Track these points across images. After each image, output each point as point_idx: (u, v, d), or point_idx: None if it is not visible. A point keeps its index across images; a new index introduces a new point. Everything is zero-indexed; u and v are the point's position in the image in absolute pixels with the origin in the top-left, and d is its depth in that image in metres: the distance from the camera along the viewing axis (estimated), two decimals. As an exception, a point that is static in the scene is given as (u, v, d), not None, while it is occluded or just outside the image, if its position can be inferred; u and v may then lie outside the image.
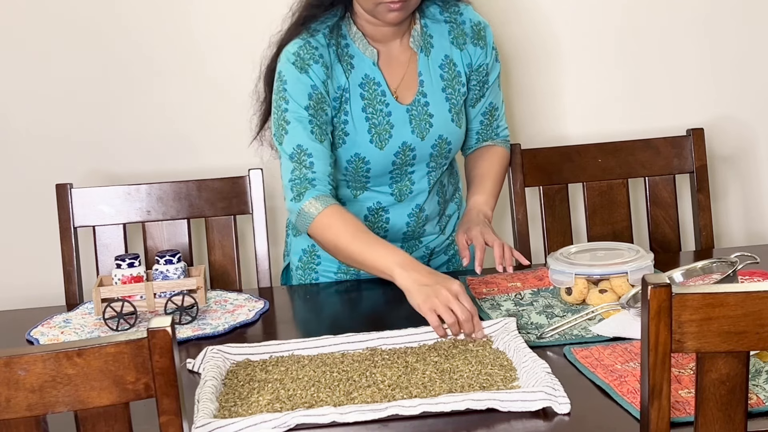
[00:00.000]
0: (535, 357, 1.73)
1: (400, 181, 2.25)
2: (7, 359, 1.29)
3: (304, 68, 2.13)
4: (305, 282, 2.39)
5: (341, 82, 2.16)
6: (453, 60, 2.25)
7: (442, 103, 2.23)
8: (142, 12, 2.76)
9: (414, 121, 2.20)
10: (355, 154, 2.18)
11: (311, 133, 2.12)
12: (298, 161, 2.11)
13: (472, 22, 2.26)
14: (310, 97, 2.13)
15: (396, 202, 2.27)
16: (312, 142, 2.11)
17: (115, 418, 1.35)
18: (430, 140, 2.22)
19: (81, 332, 2.10)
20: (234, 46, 2.81)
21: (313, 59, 2.13)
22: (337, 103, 2.16)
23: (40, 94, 2.78)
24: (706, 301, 1.34)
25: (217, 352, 1.85)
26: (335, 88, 2.16)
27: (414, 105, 2.21)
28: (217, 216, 2.53)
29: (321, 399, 1.67)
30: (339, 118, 2.17)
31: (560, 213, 2.58)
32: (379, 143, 2.18)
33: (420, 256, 2.36)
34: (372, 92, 2.18)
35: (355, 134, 2.17)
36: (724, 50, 2.90)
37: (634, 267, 2.07)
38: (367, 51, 2.18)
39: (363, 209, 2.27)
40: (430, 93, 2.22)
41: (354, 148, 2.18)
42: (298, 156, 2.11)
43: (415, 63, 2.23)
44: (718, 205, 2.94)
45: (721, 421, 1.38)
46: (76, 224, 2.50)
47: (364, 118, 2.18)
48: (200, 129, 2.84)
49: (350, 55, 2.18)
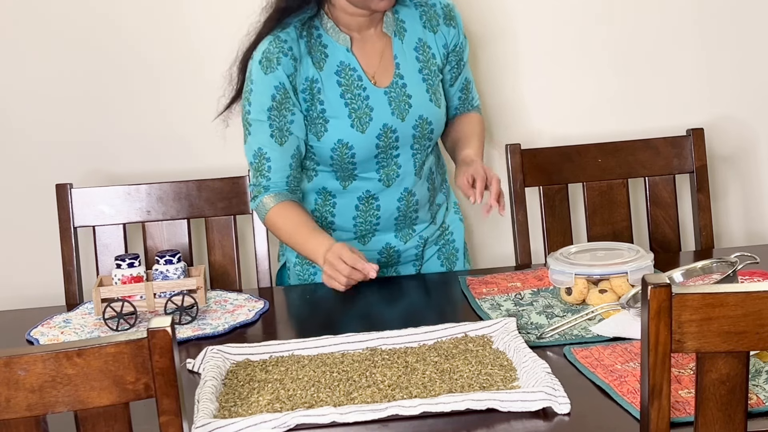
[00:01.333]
0: (535, 357, 1.73)
1: (387, 166, 2.29)
2: (7, 359, 1.29)
3: (270, 67, 2.19)
4: (304, 278, 2.41)
5: (310, 74, 2.22)
6: (427, 43, 2.31)
7: (420, 84, 2.29)
8: (142, 13, 2.76)
9: (393, 103, 2.25)
10: (338, 141, 2.22)
11: (270, 137, 2.22)
12: (258, 167, 2.26)
13: (441, 4, 2.34)
14: (273, 98, 2.20)
15: (384, 188, 2.30)
16: (271, 145, 2.23)
17: (115, 418, 1.35)
18: (411, 121, 2.27)
19: (81, 332, 2.10)
20: (234, 47, 2.81)
21: (282, 52, 2.20)
22: (308, 95, 2.22)
23: (40, 94, 2.77)
24: (706, 301, 1.34)
25: (217, 352, 1.85)
26: (303, 79, 2.21)
27: (392, 87, 2.26)
28: (217, 216, 2.53)
29: (321, 399, 1.67)
30: (315, 108, 2.22)
31: (560, 213, 2.58)
32: (360, 127, 2.23)
33: (414, 246, 2.39)
34: (348, 78, 2.23)
35: (335, 120, 2.22)
36: (725, 50, 2.90)
37: (634, 267, 2.07)
38: (340, 38, 2.24)
39: (353, 200, 2.31)
40: (407, 75, 2.28)
41: (336, 134, 2.22)
42: (258, 160, 2.25)
43: (390, 47, 2.29)
44: (718, 205, 2.94)
45: (721, 421, 1.38)
46: (76, 224, 2.50)
47: (343, 103, 2.23)
48: (200, 129, 2.83)
49: (323, 44, 2.24)
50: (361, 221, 2.34)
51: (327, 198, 2.32)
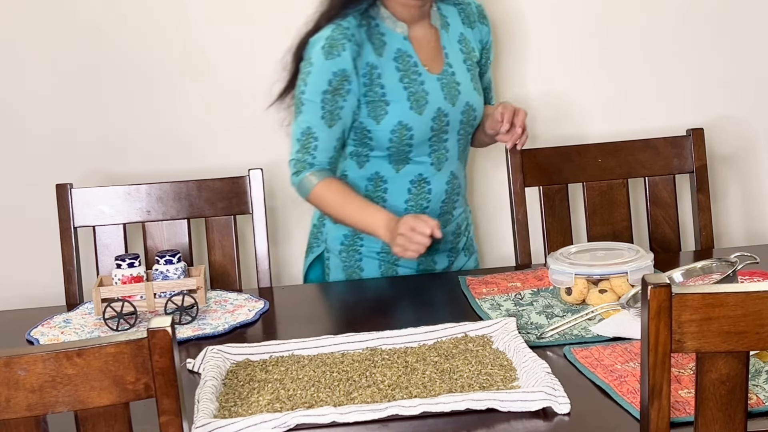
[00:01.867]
0: (535, 357, 1.73)
1: (438, 150, 2.38)
2: (7, 359, 1.29)
3: (332, 53, 2.26)
4: (350, 265, 2.43)
5: (371, 60, 2.30)
6: (467, 37, 2.44)
7: (465, 73, 2.41)
8: (142, 13, 2.76)
9: (445, 89, 2.35)
10: (398, 122, 2.30)
11: (321, 118, 2.27)
12: (305, 144, 2.29)
13: (475, 4, 2.48)
14: (329, 83, 2.26)
15: (435, 171, 2.38)
16: (320, 126, 2.28)
17: (115, 418, 1.35)
18: (460, 107, 2.37)
19: (81, 332, 2.10)
20: (234, 47, 2.81)
21: (346, 38, 2.27)
22: (367, 80, 2.29)
23: (41, 94, 2.77)
24: (706, 301, 1.34)
25: (217, 352, 1.85)
26: (364, 64, 2.29)
27: (443, 75, 2.37)
28: (217, 216, 2.53)
29: (321, 399, 1.67)
30: (374, 92, 2.30)
31: (560, 213, 2.58)
32: (418, 109, 2.31)
33: (451, 232, 2.46)
34: (406, 64, 2.33)
35: (395, 104, 2.30)
36: (725, 50, 2.90)
37: (634, 267, 2.07)
38: (398, 27, 2.34)
39: (406, 183, 2.37)
40: (454, 64, 2.40)
41: (397, 116, 2.30)
42: (306, 138, 2.29)
43: (438, 38, 2.40)
44: (718, 205, 2.94)
45: (721, 421, 1.38)
46: (76, 224, 2.50)
47: (402, 87, 2.31)
48: (200, 129, 2.84)
49: (381, 33, 2.33)
50: (413, 204, 2.38)
51: (378, 184, 2.37)
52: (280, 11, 2.81)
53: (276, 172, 2.83)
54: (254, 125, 2.84)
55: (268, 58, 2.85)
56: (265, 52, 2.84)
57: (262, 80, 2.85)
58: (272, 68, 2.85)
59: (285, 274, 2.89)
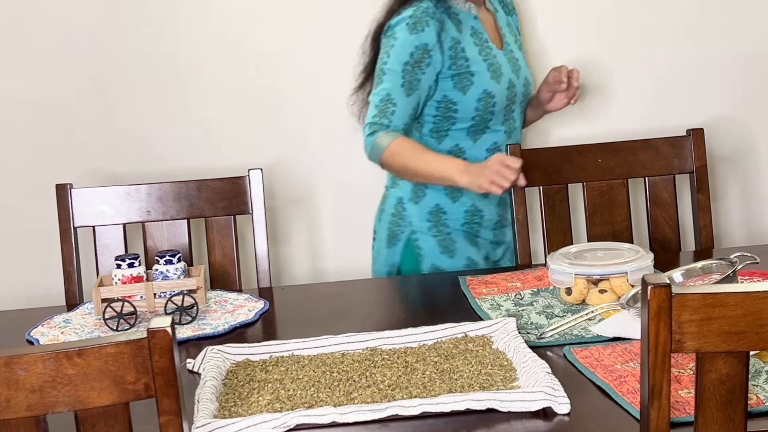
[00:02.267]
0: (535, 357, 1.73)
1: (508, 119, 2.55)
2: (7, 359, 1.29)
3: (416, 29, 2.40)
4: (442, 238, 2.52)
5: (454, 34, 2.45)
6: (510, 22, 2.65)
7: (518, 52, 2.62)
8: (142, 13, 2.76)
9: (510, 63, 2.54)
10: (483, 91, 2.45)
11: (401, 86, 2.40)
12: (383, 109, 2.41)
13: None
14: (411, 55, 2.40)
15: (507, 139, 2.55)
16: (399, 93, 2.41)
17: (115, 418, 1.35)
18: (521, 80, 2.57)
19: (81, 332, 2.10)
20: (233, 47, 2.81)
21: (428, 15, 2.41)
22: (452, 52, 2.44)
23: (41, 94, 2.78)
24: (706, 301, 1.34)
25: (217, 352, 1.85)
26: (449, 39, 2.44)
27: (506, 51, 2.56)
28: (217, 216, 2.53)
29: (321, 399, 1.67)
30: (460, 65, 2.44)
31: (560, 213, 2.58)
32: (497, 79, 2.48)
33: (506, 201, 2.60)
34: (480, 39, 2.49)
35: (479, 74, 2.45)
36: (725, 50, 2.90)
37: (634, 267, 2.07)
38: (470, 8, 2.51)
39: (483, 152, 2.50)
40: (510, 44, 2.59)
41: (482, 85, 2.45)
42: (384, 104, 2.41)
43: (495, 21, 2.59)
44: (718, 205, 2.94)
45: (721, 421, 1.38)
46: (76, 224, 2.50)
47: (482, 59, 2.47)
48: (200, 129, 2.84)
49: (455, 12, 2.48)
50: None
51: (457, 155, 2.49)
52: (280, 11, 2.81)
53: (276, 172, 2.83)
54: (254, 125, 2.85)
55: (268, 58, 2.85)
56: (266, 52, 2.84)
57: (263, 80, 2.86)
58: (272, 68, 2.86)
59: (285, 274, 2.90)
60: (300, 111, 2.86)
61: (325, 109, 2.86)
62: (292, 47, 2.83)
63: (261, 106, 2.85)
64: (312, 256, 2.93)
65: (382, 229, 2.57)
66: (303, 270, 2.92)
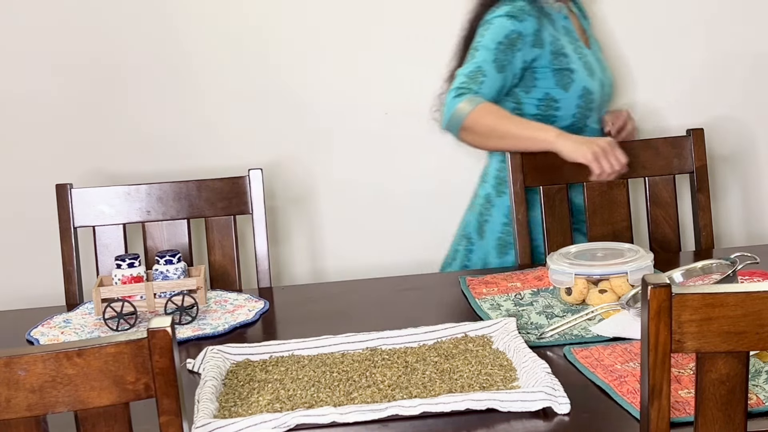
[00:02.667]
0: (535, 357, 1.73)
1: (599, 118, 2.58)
2: (7, 359, 1.29)
3: (515, 18, 2.43)
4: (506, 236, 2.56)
5: (551, 31, 2.48)
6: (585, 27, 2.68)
7: (599, 52, 2.65)
8: (142, 13, 2.76)
9: (597, 63, 2.58)
10: (583, 88, 2.49)
11: (493, 61, 2.42)
12: (472, 77, 2.41)
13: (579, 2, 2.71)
14: (506, 37, 2.42)
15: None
16: (491, 68, 2.42)
17: (115, 418, 1.35)
18: (608, 79, 2.61)
19: (81, 332, 2.10)
20: (234, 47, 2.81)
21: (525, 12, 2.44)
22: (553, 48, 2.47)
23: (41, 94, 2.78)
24: (706, 301, 1.34)
25: (217, 352, 1.85)
26: (548, 35, 2.46)
27: (592, 50, 2.61)
28: (217, 216, 2.53)
29: (321, 399, 1.67)
30: (560, 61, 2.47)
31: (560, 213, 2.58)
32: (591, 76, 2.51)
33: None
34: (571, 38, 2.53)
35: (578, 72, 2.49)
36: (725, 50, 2.90)
37: (634, 267, 2.07)
38: (560, 8, 2.54)
39: None
40: (593, 44, 2.64)
41: (581, 82, 2.49)
42: (474, 74, 2.41)
43: (579, 21, 2.64)
44: (718, 205, 2.94)
45: (721, 421, 1.38)
46: (76, 224, 2.50)
47: (577, 57, 2.51)
48: (200, 129, 2.84)
49: (547, 12, 2.51)
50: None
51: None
52: (280, 11, 2.82)
53: (276, 172, 2.83)
54: (254, 125, 2.85)
55: (268, 57, 2.85)
56: (266, 52, 2.84)
57: (263, 80, 2.86)
58: (273, 68, 2.86)
59: (285, 274, 2.90)
60: (300, 111, 2.86)
61: (325, 109, 2.86)
62: (292, 47, 2.83)
63: (261, 106, 2.85)
64: (312, 256, 2.93)
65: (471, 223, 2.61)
66: (303, 270, 2.92)
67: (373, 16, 2.84)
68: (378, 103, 2.87)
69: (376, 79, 2.87)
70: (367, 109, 2.87)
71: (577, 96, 2.49)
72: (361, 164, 2.90)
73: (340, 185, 2.90)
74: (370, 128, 2.88)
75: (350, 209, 2.91)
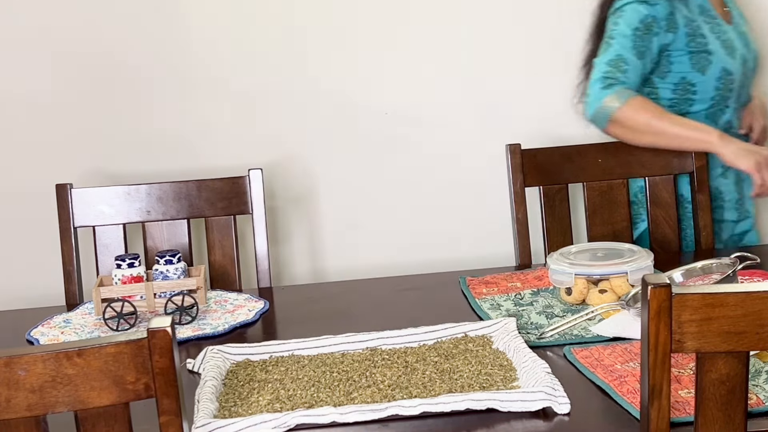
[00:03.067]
0: (535, 357, 1.73)
1: (740, 98, 2.54)
2: (7, 359, 1.29)
3: (648, 3, 2.40)
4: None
5: (686, 13, 2.43)
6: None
7: (745, 25, 2.59)
8: (142, 13, 2.76)
9: (741, 38, 2.52)
10: (722, 69, 2.45)
11: (632, 48, 2.39)
12: (615, 66, 2.38)
13: None
14: (641, 21, 2.40)
15: (737, 121, 2.55)
16: (631, 55, 2.39)
17: (115, 418, 1.35)
18: (752, 53, 2.54)
19: (81, 332, 2.10)
20: (233, 47, 2.81)
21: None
22: (689, 30, 2.42)
23: (41, 94, 2.78)
24: (706, 301, 1.34)
25: (217, 352, 1.86)
26: (682, 17, 2.42)
27: (735, 25, 2.54)
28: (217, 216, 2.53)
29: (321, 399, 1.67)
30: (697, 43, 2.43)
31: (560, 213, 2.58)
32: (732, 55, 2.46)
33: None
34: (709, 17, 2.47)
35: (716, 53, 2.44)
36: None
37: (634, 267, 2.07)
38: None
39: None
40: (736, 17, 2.57)
41: (720, 63, 2.44)
42: (616, 62, 2.39)
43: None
44: (718, 205, 2.93)
45: (721, 421, 1.38)
46: (76, 224, 2.50)
47: (715, 37, 2.45)
48: (200, 129, 2.84)
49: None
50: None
51: None
52: (281, 12, 2.81)
53: (276, 172, 2.83)
54: (254, 125, 2.85)
55: (268, 58, 2.85)
56: (266, 52, 2.84)
57: (263, 80, 2.86)
58: (273, 68, 2.86)
59: (285, 274, 2.90)
60: (300, 111, 2.86)
61: (325, 109, 2.86)
62: (292, 47, 2.83)
63: (261, 107, 2.85)
64: (312, 256, 2.93)
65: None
66: (303, 270, 2.92)
67: (373, 16, 2.84)
68: (378, 103, 2.87)
69: (376, 79, 2.87)
70: (367, 109, 2.87)
71: (716, 78, 2.44)
72: (361, 164, 2.89)
73: (340, 185, 2.90)
74: (370, 128, 2.88)
75: (350, 209, 2.91)
